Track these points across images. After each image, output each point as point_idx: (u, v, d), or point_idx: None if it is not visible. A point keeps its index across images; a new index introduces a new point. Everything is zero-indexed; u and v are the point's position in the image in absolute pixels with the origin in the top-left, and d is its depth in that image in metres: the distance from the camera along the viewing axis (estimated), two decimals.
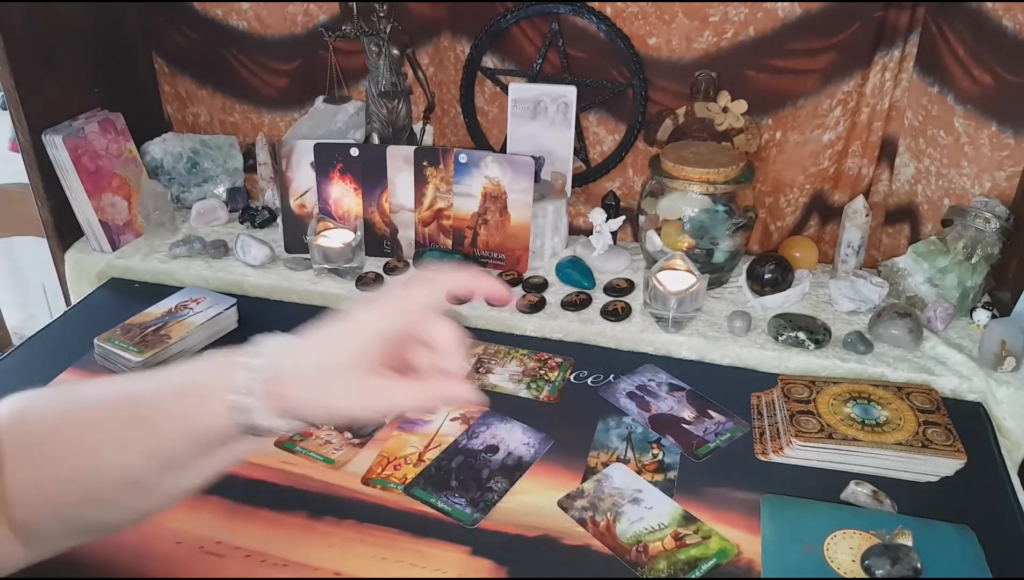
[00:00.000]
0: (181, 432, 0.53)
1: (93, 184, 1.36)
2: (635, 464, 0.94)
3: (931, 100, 1.22)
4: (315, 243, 1.29)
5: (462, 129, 1.48)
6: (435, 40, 1.42)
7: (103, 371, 1.12)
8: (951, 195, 1.26)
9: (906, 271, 1.22)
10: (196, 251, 1.38)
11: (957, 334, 1.17)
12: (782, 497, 0.88)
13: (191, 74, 1.58)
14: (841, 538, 0.81)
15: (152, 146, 1.52)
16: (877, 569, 0.76)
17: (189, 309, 1.20)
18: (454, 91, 1.45)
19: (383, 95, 1.37)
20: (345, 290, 1.28)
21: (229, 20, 1.49)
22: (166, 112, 1.63)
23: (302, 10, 1.44)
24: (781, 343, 1.14)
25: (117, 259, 1.39)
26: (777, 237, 1.40)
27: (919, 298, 1.21)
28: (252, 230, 1.47)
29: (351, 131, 1.45)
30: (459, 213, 1.34)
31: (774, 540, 0.82)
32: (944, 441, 0.91)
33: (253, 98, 1.56)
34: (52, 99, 1.35)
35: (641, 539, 0.83)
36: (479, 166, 1.30)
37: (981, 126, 1.19)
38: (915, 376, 1.08)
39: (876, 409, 0.97)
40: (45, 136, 1.31)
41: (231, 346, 0.56)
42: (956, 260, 1.19)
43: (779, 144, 1.32)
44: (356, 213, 1.36)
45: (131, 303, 1.24)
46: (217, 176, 1.56)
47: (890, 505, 0.87)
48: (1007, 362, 1.06)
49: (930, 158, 1.26)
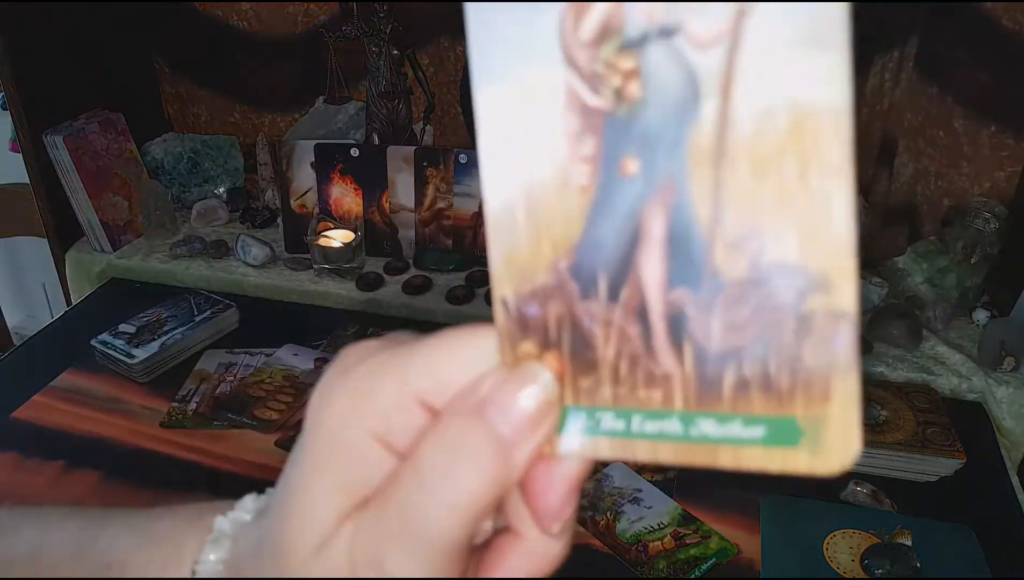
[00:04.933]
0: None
1: (94, 184, 1.36)
2: (635, 464, 0.94)
3: (931, 100, 1.22)
4: (315, 243, 1.30)
5: (462, 129, 1.48)
6: (435, 40, 1.42)
7: (103, 371, 1.12)
8: (951, 195, 1.26)
9: (906, 271, 1.22)
10: (196, 251, 1.38)
11: (957, 334, 1.17)
12: (782, 497, 0.89)
13: (192, 74, 1.58)
14: (841, 538, 0.81)
15: (153, 146, 1.53)
16: (877, 569, 0.77)
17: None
18: (454, 91, 1.45)
19: (383, 95, 1.37)
20: (345, 290, 1.28)
21: (229, 20, 1.49)
22: (167, 112, 1.64)
23: (302, 10, 1.45)
24: None
25: (117, 259, 1.39)
26: None
27: (919, 298, 1.21)
28: (252, 230, 1.47)
29: (351, 131, 1.45)
30: (459, 213, 1.34)
31: (774, 540, 0.82)
32: (943, 441, 0.92)
33: (253, 98, 1.57)
34: (53, 99, 1.35)
35: (641, 538, 0.83)
36: (479, 166, 1.30)
37: (981, 126, 1.19)
38: (914, 376, 1.08)
39: (876, 409, 0.97)
40: (46, 136, 1.31)
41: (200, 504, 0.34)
42: (956, 260, 1.19)
43: None
44: (356, 213, 1.36)
45: (131, 303, 1.24)
46: (217, 176, 1.56)
47: (890, 505, 0.87)
48: (1007, 362, 1.07)
49: (929, 158, 1.26)
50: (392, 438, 0.23)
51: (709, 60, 0.18)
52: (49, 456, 0.97)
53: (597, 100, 0.20)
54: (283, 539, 0.24)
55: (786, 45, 0.18)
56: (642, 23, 0.19)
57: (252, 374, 1.11)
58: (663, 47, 0.19)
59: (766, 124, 0.18)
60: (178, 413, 1.04)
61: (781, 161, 0.18)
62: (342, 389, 0.23)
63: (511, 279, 0.22)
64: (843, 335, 0.19)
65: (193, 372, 1.12)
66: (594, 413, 0.22)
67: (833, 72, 0.18)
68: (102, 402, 1.07)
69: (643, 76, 0.19)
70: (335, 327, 1.22)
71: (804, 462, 0.20)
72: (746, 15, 0.18)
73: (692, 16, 0.18)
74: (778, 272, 0.19)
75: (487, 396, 0.22)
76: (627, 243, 0.20)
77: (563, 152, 0.20)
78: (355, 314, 1.27)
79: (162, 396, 1.08)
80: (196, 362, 1.14)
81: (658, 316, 0.21)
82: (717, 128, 0.19)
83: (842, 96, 0.18)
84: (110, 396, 1.08)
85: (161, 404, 1.06)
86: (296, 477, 0.24)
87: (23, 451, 0.98)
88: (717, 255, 0.20)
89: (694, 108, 0.19)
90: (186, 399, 1.07)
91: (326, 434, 0.23)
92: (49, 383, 1.10)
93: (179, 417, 1.04)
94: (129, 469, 0.95)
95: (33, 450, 0.98)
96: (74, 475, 0.95)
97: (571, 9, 0.19)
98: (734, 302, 0.20)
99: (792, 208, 0.19)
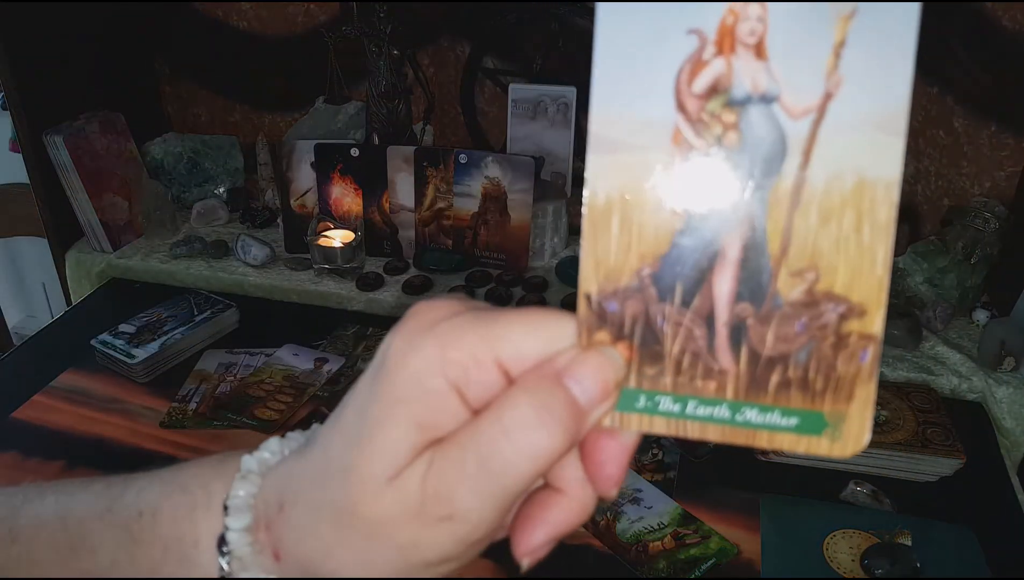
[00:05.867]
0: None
1: (94, 184, 1.36)
2: (634, 463, 0.94)
3: (930, 100, 1.22)
4: (315, 243, 1.30)
5: (462, 129, 1.48)
6: (435, 40, 1.42)
7: (103, 371, 1.12)
8: (951, 195, 1.26)
9: (906, 271, 1.22)
10: (196, 251, 1.38)
11: (956, 334, 1.17)
12: (782, 497, 0.89)
13: (192, 74, 1.58)
14: (841, 538, 0.81)
15: (153, 146, 1.53)
16: (876, 569, 0.77)
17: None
18: (454, 91, 1.45)
19: (383, 95, 1.37)
20: (345, 290, 1.28)
21: (230, 20, 1.49)
22: (167, 112, 1.64)
23: (302, 10, 1.45)
24: None
25: (117, 259, 1.39)
26: None
27: (919, 298, 1.21)
28: (252, 230, 1.47)
29: (351, 131, 1.45)
30: (459, 213, 1.34)
31: (774, 540, 0.82)
32: (943, 441, 0.92)
33: (253, 98, 1.57)
34: (52, 99, 1.35)
35: (641, 539, 0.83)
36: (479, 166, 1.30)
37: (980, 126, 1.20)
38: (914, 376, 1.08)
39: (876, 409, 0.97)
40: (46, 136, 1.31)
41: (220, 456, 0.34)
42: (956, 260, 1.19)
43: None
44: (356, 213, 1.36)
45: (131, 303, 1.24)
46: (217, 176, 1.56)
47: (890, 505, 0.87)
48: (1006, 362, 1.07)
49: (930, 158, 1.26)
50: (467, 391, 0.26)
51: (798, 127, 0.24)
52: (49, 456, 0.97)
53: (699, 142, 0.24)
54: (356, 465, 0.26)
55: (859, 126, 0.23)
56: (747, 87, 0.24)
57: (252, 374, 1.11)
58: (762, 109, 0.24)
59: (834, 184, 0.24)
60: (178, 413, 1.04)
61: (842, 215, 0.24)
62: (431, 337, 0.26)
63: (597, 280, 0.25)
64: (870, 352, 0.24)
65: (193, 372, 1.12)
66: (654, 396, 0.26)
67: (892, 153, 0.23)
68: (102, 402, 1.07)
69: (742, 129, 0.24)
70: (335, 327, 1.22)
71: (825, 447, 0.25)
72: (832, 97, 0.23)
73: (789, 90, 0.23)
74: (827, 299, 0.24)
75: (566, 368, 0.25)
76: (706, 261, 0.25)
77: (663, 180, 0.25)
78: (355, 314, 1.27)
79: (162, 396, 1.08)
80: (196, 362, 1.14)
81: (723, 323, 0.25)
82: (796, 181, 0.24)
83: (896, 172, 0.23)
84: (110, 396, 1.08)
85: (161, 404, 1.06)
86: (375, 411, 0.26)
87: (23, 451, 0.98)
88: (780, 280, 0.25)
89: (780, 162, 0.24)
90: (186, 399, 1.07)
91: (410, 376, 0.26)
92: (49, 383, 1.10)
93: (179, 417, 1.04)
94: (129, 469, 0.94)
95: (33, 450, 0.98)
96: (74, 475, 0.95)
97: (688, 63, 0.24)
98: (788, 319, 0.25)
99: (846, 252, 0.24)
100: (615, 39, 0.24)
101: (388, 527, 0.26)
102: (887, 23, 0.22)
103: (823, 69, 0.23)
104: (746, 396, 0.25)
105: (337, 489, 0.27)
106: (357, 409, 0.27)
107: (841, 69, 0.23)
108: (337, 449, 0.27)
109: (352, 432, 0.27)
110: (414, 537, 0.26)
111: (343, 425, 0.28)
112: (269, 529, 0.29)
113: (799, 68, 0.23)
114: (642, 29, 0.24)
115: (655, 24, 0.24)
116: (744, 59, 0.24)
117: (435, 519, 0.25)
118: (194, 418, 1.03)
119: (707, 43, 0.24)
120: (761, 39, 0.23)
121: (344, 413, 0.28)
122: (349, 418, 0.27)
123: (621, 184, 0.25)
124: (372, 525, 0.26)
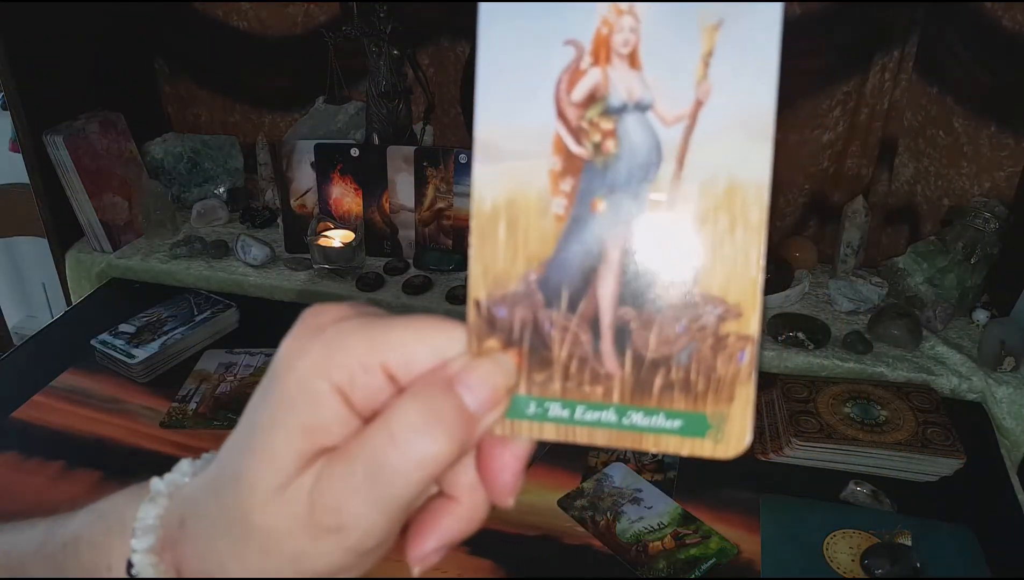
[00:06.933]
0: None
1: (94, 184, 1.36)
2: (635, 463, 0.94)
3: (930, 100, 1.22)
4: (315, 243, 1.30)
5: (462, 129, 1.48)
6: (435, 40, 1.42)
7: (103, 371, 1.12)
8: (950, 195, 1.26)
9: (906, 271, 1.22)
10: (196, 251, 1.38)
11: (956, 334, 1.17)
12: (782, 497, 0.89)
13: (192, 74, 1.58)
14: (841, 538, 0.81)
15: (153, 146, 1.53)
16: (876, 569, 0.77)
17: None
18: (454, 91, 1.45)
19: (383, 95, 1.37)
20: (345, 290, 1.29)
21: (230, 20, 1.49)
22: (167, 112, 1.63)
23: (302, 10, 1.45)
24: (780, 343, 1.14)
25: (117, 259, 1.39)
26: (776, 237, 1.40)
27: (919, 298, 1.21)
28: (252, 230, 1.47)
29: (351, 131, 1.45)
30: (459, 213, 1.34)
31: (774, 540, 0.82)
32: (943, 441, 0.92)
33: (253, 98, 1.56)
34: (53, 99, 1.35)
35: (641, 538, 0.83)
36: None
37: (980, 126, 1.19)
38: (914, 376, 1.08)
39: (875, 409, 0.97)
40: (46, 136, 1.31)
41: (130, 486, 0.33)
42: (956, 260, 1.19)
43: (778, 144, 1.31)
44: (356, 213, 1.36)
45: (131, 303, 1.24)
46: (217, 176, 1.56)
47: (890, 505, 0.87)
48: (1006, 362, 1.07)
49: (929, 158, 1.26)
50: (352, 396, 0.25)
51: (671, 134, 0.24)
52: (49, 456, 0.97)
53: (579, 149, 0.25)
54: (245, 475, 0.26)
55: (729, 131, 0.24)
56: (623, 96, 0.25)
57: (252, 374, 1.11)
58: (638, 117, 0.25)
59: (708, 188, 0.24)
60: (178, 413, 1.04)
61: (716, 217, 0.24)
62: (317, 341, 0.25)
63: (486, 285, 0.26)
64: (747, 352, 0.25)
65: (193, 372, 1.12)
66: (543, 402, 0.26)
67: (760, 157, 0.24)
68: (102, 402, 1.07)
69: (619, 137, 0.25)
70: None
71: (708, 449, 0.26)
72: (702, 105, 0.24)
73: (662, 98, 0.24)
74: (704, 301, 0.25)
75: (456, 374, 0.25)
76: (590, 265, 0.25)
77: (546, 185, 0.25)
78: None
79: (162, 396, 1.08)
80: (196, 362, 1.14)
81: (607, 327, 0.25)
82: (671, 185, 0.25)
83: (765, 174, 0.24)
84: (110, 396, 1.08)
85: (161, 404, 1.06)
86: (262, 417, 0.26)
87: (23, 451, 0.98)
88: (660, 282, 0.25)
89: (655, 168, 0.25)
90: (186, 399, 1.07)
91: (296, 380, 0.25)
92: (49, 383, 1.10)
93: (179, 417, 1.04)
94: (129, 469, 0.95)
95: (33, 450, 0.98)
96: (74, 475, 0.95)
97: (567, 73, 0.25)
98: (669, 321, 0.25)
99: (720, 253, 0.25)
100: (496, 49, 0.25)
101: (278, 537, 0.25)
102: (750, 33, 0.24)
103: (693, 78, 0.24)
104: (632, 400, 0.26)
105: (229, 498, 0.26)
106: (247, 416, 0.27)
107: (710, 77, 0.24)
108: (229, 458, 0.27)
109: (243, 440, 0.26)
110: (303, 548, 0.25)
111: (235, 433, 0.27)
112: (174, 548, 0.28)
113: (671, 77, 0.24)
114: (522, 39, 0.24)
115: (534, 34, 0.24)
116: (619, 69, 0.24)
117: (324, 530, 0.25)
118: (194, 418, 1.04)
119: (584, 53, 0.24)
120: (635, 49, 0.24)
121: (239, 421, 0.27)
122: (241, 426, 0.27)
123: (507, 190, 0.25)
124: (263, 535, 0.25)
